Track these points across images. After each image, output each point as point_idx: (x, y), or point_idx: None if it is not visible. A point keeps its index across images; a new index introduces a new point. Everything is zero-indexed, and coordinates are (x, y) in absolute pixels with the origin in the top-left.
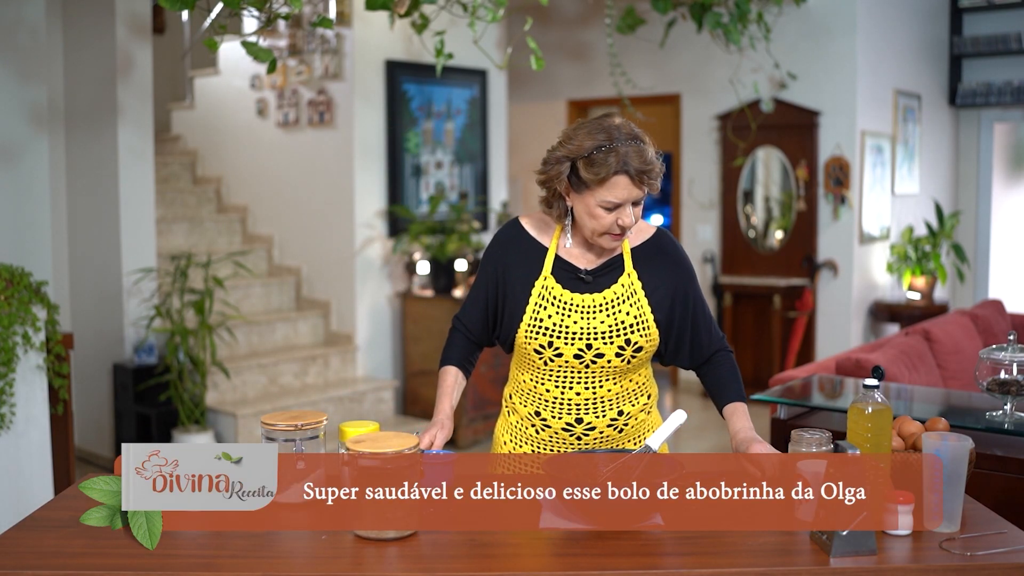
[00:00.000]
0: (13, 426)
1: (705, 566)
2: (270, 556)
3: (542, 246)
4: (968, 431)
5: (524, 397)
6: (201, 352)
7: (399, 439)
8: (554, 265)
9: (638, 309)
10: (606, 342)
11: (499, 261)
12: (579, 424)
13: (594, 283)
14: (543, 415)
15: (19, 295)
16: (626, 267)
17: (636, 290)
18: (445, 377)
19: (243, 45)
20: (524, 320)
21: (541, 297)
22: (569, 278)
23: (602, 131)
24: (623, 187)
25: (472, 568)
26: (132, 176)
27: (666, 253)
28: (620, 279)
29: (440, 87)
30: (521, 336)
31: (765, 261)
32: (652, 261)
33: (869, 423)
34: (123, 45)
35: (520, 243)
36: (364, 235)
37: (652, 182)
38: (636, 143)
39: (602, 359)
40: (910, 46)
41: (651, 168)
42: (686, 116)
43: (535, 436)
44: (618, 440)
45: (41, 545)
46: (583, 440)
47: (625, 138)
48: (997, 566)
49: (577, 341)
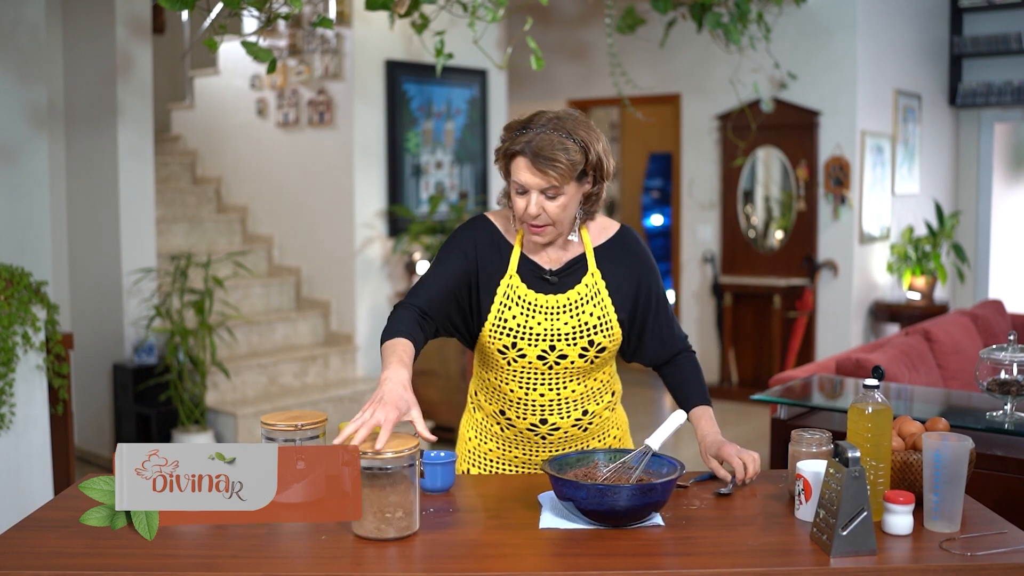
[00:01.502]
0: (13, 426)
1: (705, 566)
2: (270, 556)
3: (508, 243)
4: (968, 431)
5: (489, 395)
6: (201, 352)
7: (399, 440)
8: (519, 263)
9: (602, 309)
10: (569, 344)
11: (469, 250)
12: (544, 424)
13: (559, 283)
14: (508, 414)
15: (19, 295)
16: (589, 266)
17: (600, 289)
18: (395, 346)
19: (243, 45)
20: (488, 320)
21: (506, 296)
22: (534, 278)
23: (532, 117)
24: (523, 169)
25: (472, 568)
26: (132, 176)
27: (629, 250)
28: (584, 279)
29: (440, 87)
30: (485, 335)
31: (765, 261)
32: (615, 259)
33: (869, 423)
34: (123, 45)
35: (489, 237)
36: (364, 235)
37: (551, 172)
38: (551, 132)
39: (565, 360)
40: (910, 46)
41: (549, 156)
42: (686, 116)
43: (500, 434)
44: (583, 439)
45: (41, 545)
46: (548, 439)
47: (543, 125)
48: (997, 566)
49: (540, 343)
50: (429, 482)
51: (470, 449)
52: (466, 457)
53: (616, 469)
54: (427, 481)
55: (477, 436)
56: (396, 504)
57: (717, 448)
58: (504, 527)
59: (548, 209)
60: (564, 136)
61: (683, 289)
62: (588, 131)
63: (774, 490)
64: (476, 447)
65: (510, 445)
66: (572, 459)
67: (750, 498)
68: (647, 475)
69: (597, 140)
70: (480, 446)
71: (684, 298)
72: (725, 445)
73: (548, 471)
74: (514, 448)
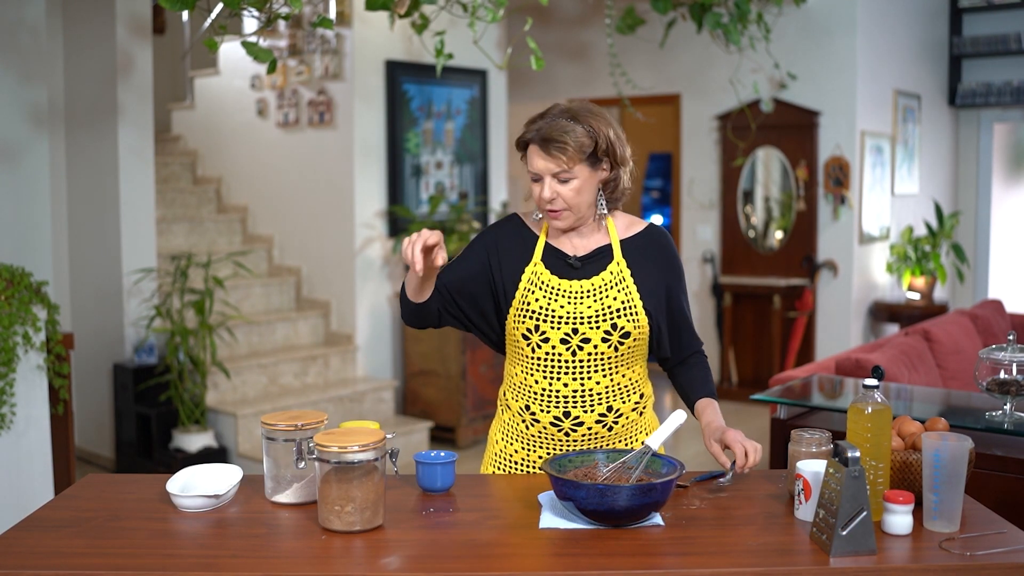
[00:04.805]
0: (13, 426)
1: (705, 566)
2: (270, 556)
3: (534, 234)
4: (968, 431)
5: (515, 392)
6: (201, 352)
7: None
8: (544, 252)
9: (626, 295)
10: (592, 327)
11: (492, 245)
12: (567, 418)
13: (583, 269)
14: (532, 409)
15: (19, 295)
16: (615, 255)
17: (625, 277)
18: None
19: (243, 45)
20: (513, 304)
21: (530, 282)
22: (558, 264)
23: (548, 109)
24: (536, 156)
25: (472, 568)
26: (132, 176)
27: (659, 246)
28: (609, 266)
29: (440, 87)
30: (510, 321)
31: (765, 261)
32: (643, 252)
33: (869, 423)
34: (123, 45)
35: (515, 232)
36: (364, 235)
37: (559, 155)
38: (561, 119)
39: (588, 344)
40: (910, 46)
41: (556, 138)
42: (686, 116)
43: (524, 432)
44: (608, 439)
45: (41, 545)
46: (571, 436)
47: (555, 114)
48: (997, 566)
49: (563, 325)
50: (429, 482)
51: (496, 452)
52: (492, 460)
53: (616, 469)
54: (427, 481)
55: (504, 438)
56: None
57: (721, 433)
58: (504, 527)
59: (562, 193)
60: (573, 122)
61: None
62: (597, 118)
63: (774, 490)
64: (502, 449)
65: (534, 444)
66: (572, 459)
67: (750, 498)
68: (647, 475)
69: (607, 127)
70: (506, 448)
71: None
72: (730, 431)
73: (548, 471)
74: (539, 448)
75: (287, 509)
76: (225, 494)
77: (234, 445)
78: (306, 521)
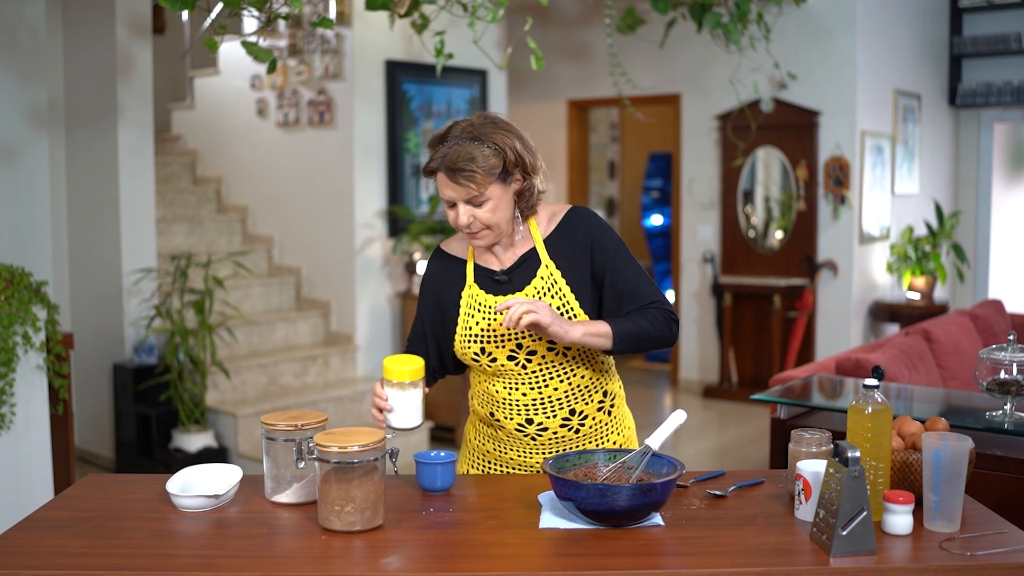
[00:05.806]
0: (13, 426)
1: (705, 566)
2: (270, 556)
3: (461, 259)
4: (968, 431)
5: (480, 399)
6: (201, 352)
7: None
8: (476, 273)
9: (561, 299)
10: (534, 338)
11: (431, 285)
12: (531, 425)
13: (512, 282)
14: (496, 416)
15: (19, 295)
16: (542, 259)
17: (556, 280)
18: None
19: (243, 45)
20: (456, 332)
21: (468, 306)
22: (489, 283)
23: (449, 128)
24: (444, 184)
25: (472, 568)
26: (132, 176)
27: (580, 231)
28: (539, 271)
29: (440, 87)
30: (457, 347)
31: (765, 261)
32: (567, 245)
33: (869, 423)
34: (123, 45)
35: (443, 264)
36: (364, 235)
37: (468, 183)
38: (464, 142)
39: (536, 356)
40: (910, 46)
41: (463, 168)
42: (686, 116)
43: (495, 435)
44: (577, 441)
45: (41, 545)
46: (538, 440)
47: (457, 136)
48: (997, 566)
49: (507, 343)
50: (429, 482)
51: (471, 450)
52: (466, 458)
53: (616, 469)
54: (427, 481)
55: (477, 437)
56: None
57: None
58: (504, 527)
59: (479, 216)
60: (477, 143)
61: (683, 289)
62: (503, 132)
63: (774, 490)
64: (477, 447)
65: (504, 446)
66: (572, 459)
67: (750, 498)
68: (647, 475)
69: (514, 138)
70: (480, 446)
71: (684, 298)
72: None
73: (548, 471)
74: (508, 449)
75: (287, 509)
76: (225, 494)
77: (234, 445)
78: (306, 521)
